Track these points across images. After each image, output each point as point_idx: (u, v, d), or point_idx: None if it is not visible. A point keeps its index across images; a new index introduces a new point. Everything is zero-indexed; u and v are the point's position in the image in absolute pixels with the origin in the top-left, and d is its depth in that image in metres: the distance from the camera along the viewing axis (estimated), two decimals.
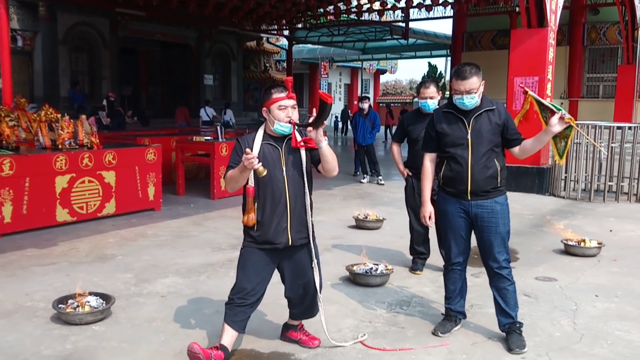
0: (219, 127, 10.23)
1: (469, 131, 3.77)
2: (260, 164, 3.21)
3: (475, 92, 3.70)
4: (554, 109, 3.74)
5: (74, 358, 3.55)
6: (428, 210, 4.00)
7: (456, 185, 3.80)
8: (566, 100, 18.85)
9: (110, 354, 3.61)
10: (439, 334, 3.96)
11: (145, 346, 3.74)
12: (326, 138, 3.41)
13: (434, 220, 4.06)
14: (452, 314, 4.05)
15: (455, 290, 4.03)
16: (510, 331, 3.83)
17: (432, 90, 5.17)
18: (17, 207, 6.59)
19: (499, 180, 3.79)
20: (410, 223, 5.54)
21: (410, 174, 5.45)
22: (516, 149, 3.85)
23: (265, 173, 3.24)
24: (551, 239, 6.83)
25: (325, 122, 3.32)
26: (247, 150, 3.20)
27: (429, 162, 4.00)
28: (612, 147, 9.87)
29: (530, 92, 4.03)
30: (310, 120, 3.33)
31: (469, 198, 3.80)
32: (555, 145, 4.01)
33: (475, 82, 3.68)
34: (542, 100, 3.92)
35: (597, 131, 9.82)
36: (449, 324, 4.03)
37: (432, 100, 5.16)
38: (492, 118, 3.78)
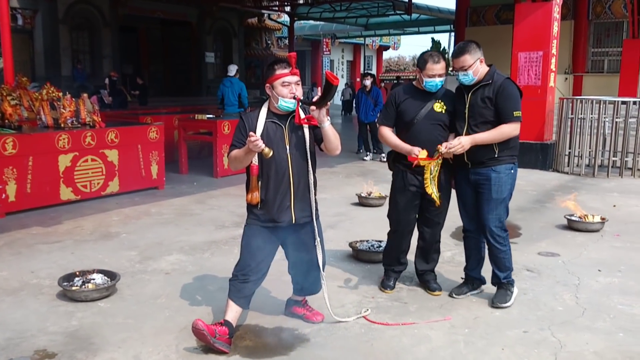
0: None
1: (467, 105, 3.95)
2: (265, 146, 3.20)
3: (468, 69, 3.86)
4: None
5: (79, 334, 3.59)
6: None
7: (457, 155, 3.95)
8: (571, 75, 18.68)
9: (116, 330, 3.64)
10: (454, 296, 4.20)
11: (151, 322, 3.77)
12: (329, 118, 3.38)
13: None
14: (469, 279, 4.27)
15: (469, 256, 4.26)
16: (498, 287, 4.12)
17: (442, 65, 4.02)
18: (21, 185, 6.60)
19: (496, 151, 3.92)
20: (393, 229, 4.36)
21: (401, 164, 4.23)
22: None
23: (271, 154, 3.23)
24: (554, 214, 6.83)
25: (329, 102, 3.30)
26: (251, 133, 3.18)
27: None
28: (616, 122, 9.82)
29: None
30: (315, 99, 3.31)
31: (469, 167, 3.99)
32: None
33: (467, 60, 3.85)
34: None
35: (601, 106, 9.76)
36: (465, 288, 4.26)
37: (440, 78, 4.02)
38: (486, 93, 3.92)
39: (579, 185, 8.88)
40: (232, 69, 11.58)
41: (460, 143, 3.82)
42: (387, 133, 4.17)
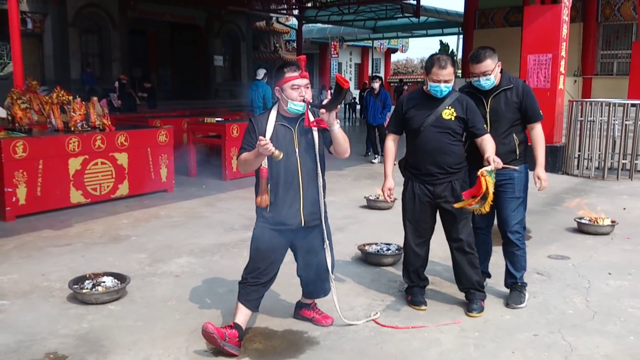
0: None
1: (488, 110, 4.00)
2: (276, 149, 3.20)
3: (490, 74, 3.92)
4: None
5: (90, 337, 3.60)
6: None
7: (478, 155, 3.97)
8: (580, 77, 18.62)
9: (126, 333, 3.66)
10: None
11: (161, 325, 3.78)
12: (338, 121, 3.37)
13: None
14: None
15: (478, 252, 4.24)
16: (512, 288, 4.17)
17: (450, 71, 3.77)
18: (31, 189, 6.64)
19: (517, 154, 4.05)
20: (407, 241, 4.12)
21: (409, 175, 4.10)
22: (531, 130, 4.10)
23: (282, 157, 3.22)
24: (564, 217, 6.80)
25: (339, 105, 3.29)
26: (261, 137, 3.18)
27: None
28: (626, 124, 9.76)
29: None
30: (325, 102, 3.31)
31: None
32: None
33: (489, 64, 3.90)
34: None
35: (611, 108, 9.71)
36: None
37: (447, 84, 3.79)
38: (510, 96, 4.00)
39: (589, 188, 8.84)
40: (260, 73, 11.72)
41: (545, 179, 4.09)
42: (388, 149, 4.07)
